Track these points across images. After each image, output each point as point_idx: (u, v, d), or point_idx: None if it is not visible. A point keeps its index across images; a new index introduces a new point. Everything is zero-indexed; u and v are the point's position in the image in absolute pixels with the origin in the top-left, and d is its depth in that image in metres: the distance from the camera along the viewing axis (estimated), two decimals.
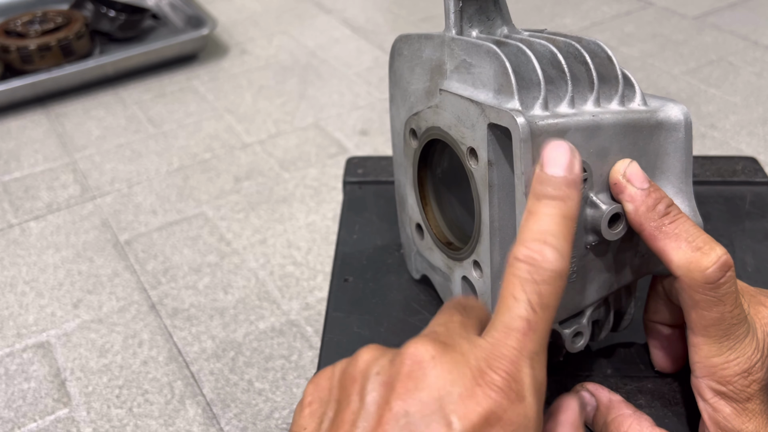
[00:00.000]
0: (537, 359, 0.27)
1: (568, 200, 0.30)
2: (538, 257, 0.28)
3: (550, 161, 0.31)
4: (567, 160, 0.31)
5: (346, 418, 0.26)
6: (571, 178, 0.31)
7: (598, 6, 1.20)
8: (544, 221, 0.29)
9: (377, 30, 1.18)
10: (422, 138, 0.41)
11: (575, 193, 0.30)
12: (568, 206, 0.30)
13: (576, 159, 0.31)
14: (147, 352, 0.62)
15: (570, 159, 0.31)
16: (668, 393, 0.41)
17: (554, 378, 0.42)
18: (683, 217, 0.34)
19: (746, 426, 0.33)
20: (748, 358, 0.33)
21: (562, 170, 0.31)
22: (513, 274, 0.28)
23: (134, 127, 0.96)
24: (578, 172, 0.31)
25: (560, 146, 0.31)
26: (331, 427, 0.27)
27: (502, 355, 0.26)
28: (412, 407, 0.25)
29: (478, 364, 0.26)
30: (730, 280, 0.33)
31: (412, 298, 0.48)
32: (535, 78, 0.35)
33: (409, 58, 0.41)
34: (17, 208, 0.82)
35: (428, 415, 0.25)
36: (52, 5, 1.22)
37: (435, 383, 0.25)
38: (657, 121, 0.37)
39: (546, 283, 0.27)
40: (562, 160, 0.31)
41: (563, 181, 0.30)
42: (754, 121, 0.87)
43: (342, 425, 0.26)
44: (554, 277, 0.28)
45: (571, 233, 0.30)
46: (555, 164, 0.31)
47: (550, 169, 0.31)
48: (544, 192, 0.30)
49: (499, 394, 0.25)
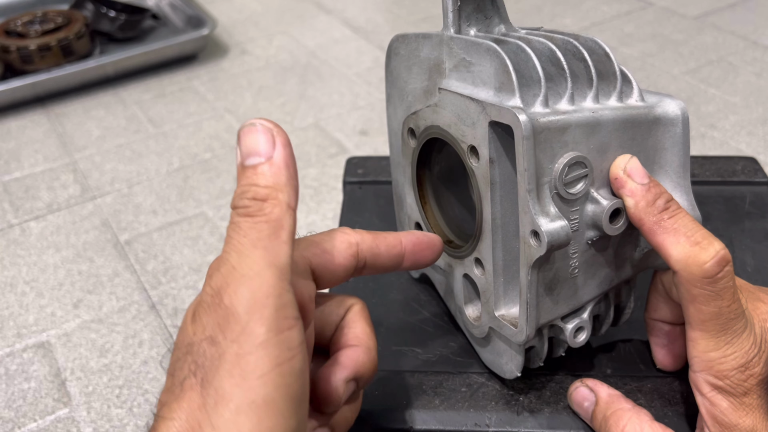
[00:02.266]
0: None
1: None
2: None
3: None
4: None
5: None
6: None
7: (598, 6, 1.20)
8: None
9: (377, 30, 1.18)
10: (421, 137, 0.42)
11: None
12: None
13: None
14: (147, 352, 0.62)
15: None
16: (668, 392, 0.41)
17: (554, 376, 0.42)
18: (682, 212, 0.35)
19: (743, 420, 0.34)
20: (745, 353, 0.33)
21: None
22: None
23: (134, 127, 0.96)
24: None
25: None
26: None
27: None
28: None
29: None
30: (728, 274, 0.33)
31: (412, 298, 0.48)
32: (535, 75, 0.35)
33: (407, 58, 0.41)
34: (17, 208, 0.82)
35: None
36: (52, 5, 1.22)
37: None
38: (655, 117, 0.37)
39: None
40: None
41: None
42: (753, 121, 0.87)
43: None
44: None
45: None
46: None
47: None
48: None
49: None
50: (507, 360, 0.40)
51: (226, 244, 0.28)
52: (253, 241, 0.27)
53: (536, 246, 0.34)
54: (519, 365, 0.40)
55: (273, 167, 0.28)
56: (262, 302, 0.26)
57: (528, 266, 0.35)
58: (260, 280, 0.27)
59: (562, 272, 0.37)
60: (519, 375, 0.40)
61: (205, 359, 0.26)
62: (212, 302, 0.27)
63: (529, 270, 0.35)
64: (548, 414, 0.40)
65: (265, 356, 0.26)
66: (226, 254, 0.27)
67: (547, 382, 0.42)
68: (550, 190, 0.34)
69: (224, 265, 0.27)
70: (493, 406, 0.41)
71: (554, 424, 0.40)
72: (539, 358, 0.41)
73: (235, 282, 0.27)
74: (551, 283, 0.37)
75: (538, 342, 0.39)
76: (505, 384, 0.42)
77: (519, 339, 0.37)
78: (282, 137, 0.29)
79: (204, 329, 0.27)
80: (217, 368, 0.26)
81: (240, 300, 0.26)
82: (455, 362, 0.44)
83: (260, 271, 0.27)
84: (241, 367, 0.26)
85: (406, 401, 0.41)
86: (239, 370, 0.26)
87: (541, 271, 0.35)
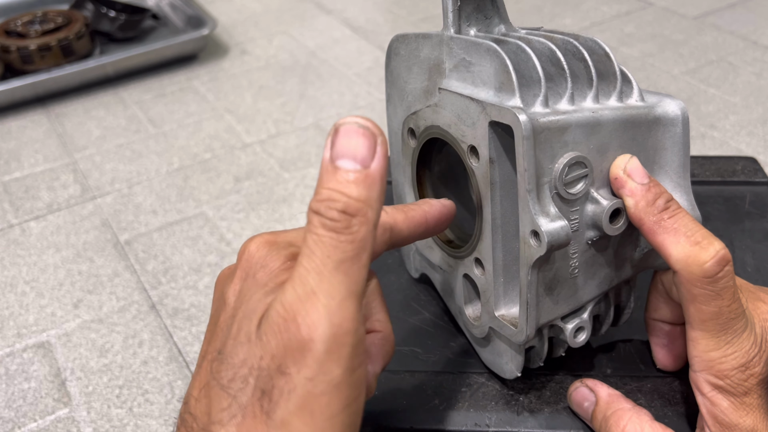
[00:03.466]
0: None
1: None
2: None
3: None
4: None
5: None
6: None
7: (598, 6, 1.20)
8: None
9: (377, 30, 1.18)
10: (421, 137, 0.42)
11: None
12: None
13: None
14: (147, 352, 0.62)
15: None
16: (668, 392, 0.41)
17: (554, 376, 0.42)
18: (682, 212, 0.35)
19: (744, 420, 0.34)
20: (745, 353, 0.34)
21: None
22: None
23: (134, 127, 0.96)
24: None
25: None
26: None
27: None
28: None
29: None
30: (728, 274, 0.33)
31: (412, 298, 0.48)
32: (535, 75, 0.35)
33: (407, 58, 0.41)
34: (17, 208, 0.82)
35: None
36: (52, 5, 1.22)
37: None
38: (655, 117, 0.37)
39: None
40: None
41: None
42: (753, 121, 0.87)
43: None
44: None
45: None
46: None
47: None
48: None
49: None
50: (507, 360, 0.40)
51: (306, 258, 0.25)
52: (336, 263, 0.25)
53: (536, 246, 0.34)
54: (519, 365, 0.40)
55: (368, 179, 0.26)
56: (342, 340, 0.25)
57: (528, 266, 0.35)
58: (341, 314, 0.25)
59: (562, 272, 0.37)
60: (519, 375, 0.40)
61: (273, 389, 0.25)
62: (284, 325, 0.25)
63: (529, 270, 0.35)
64: (548, 414, 0.40)
65: (338, 398, 0.25)
66: (305, 272, 0.25)
67: (547, 382, 0.42)
68: (550, 190, 0.34)
69: (302, 286, 0.25)
70: (493, 406, 0.41)
71: (554, 424, 0.40)
72: (539, 358, 0.41)
73: (315, 311, 0.25)
74: (551, 283, 0.37)
75: (538, 342, 0.39)
76: (505, 384, 0.42)
77: (519, 339, 0.37)
78: (383, 147, 0.27)
79: (272, 354, 0.25)
80: (286, 401, 0.25)
81: (320, 335, 0.24)
82: (455, 362, 0.44)
83: (342, 302, 0.25)
84: (312, 407, 0.24)
85: (406, 401, 0.41)
86: (310, 409, 0.24)
87: (541, 271, 0.35)
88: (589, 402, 0.39)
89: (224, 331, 0.28)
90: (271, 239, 0.29)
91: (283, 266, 0.28)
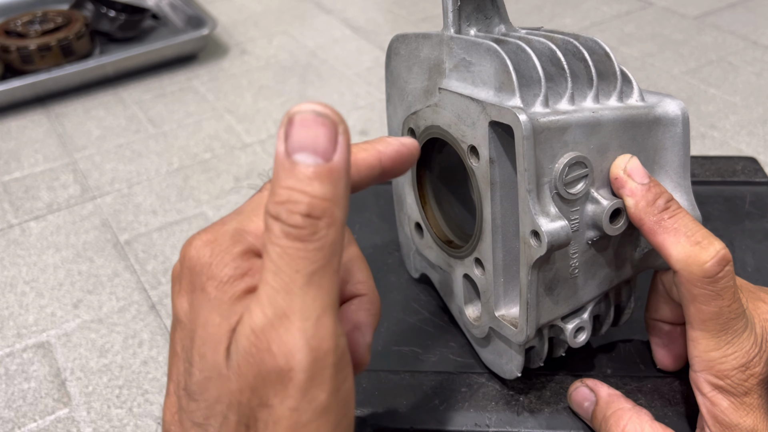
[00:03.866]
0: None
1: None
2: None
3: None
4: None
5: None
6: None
7: (598, 6, 1.20)
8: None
9: (377, 30, 1.18)
10: (421, 137, 0.42)
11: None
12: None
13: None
14: (147, 352, 0.62)
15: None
16: (668, 392, 0.41)
17: (554, 376, 0.42)
18: (682, 212, 0.35)
19: (744, 420, 0.34)
20: (746, 353, 0.33)
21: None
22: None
23: (134, 127, 0.96)
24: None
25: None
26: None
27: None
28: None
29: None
30: (728, 274, 0.33)
31: (412, 298, 0.48)
32: (535, 75, 0.35)
33: (407, 58, 0.41)
34: (17, 208, 0.82)
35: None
36: (52, 5, 1.22)
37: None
38: (655, 117, 0.37)
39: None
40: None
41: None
42: (754, 121, 0.87)
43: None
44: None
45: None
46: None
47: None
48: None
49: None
50: (507, 360, 0.40)
51: (271, 274, 0.23)
52: (306, 277, 0.22)
53: (536, 246, 0.34)
54: (519, 365, 0.40)
55: (333, 174, 0.23)
56: (323, 363, 0.22)
57: (528, 266, 0.35)
58: (319, 335, 0.22)
59: (562, 272, 0.37)
60: (519, 375, 0.40)
61: (257, 422, 0.23)
62: (258, 355, 0.22)
63: (529, 270, 0.35)
64: (548, 414, 0.40)
65: (327, 421, 0.23)
66: (273, 291, 0.22)
67: (547, 382, 0.42)
68: (550, 190, 0.34)
69: (271, 307, 0.22)
70: (493, 406, 0.41)
71: (554, 424, 0.40)
72: (539, 358, 0.41)
73: (290, 336, 0.22)
74: (551, 283, 0.36)
75: (538, 342, 0.39)
76: (505, 384, 0.42)
77: (519, 339, 0.37)
78: (345, 136, 0.23)
79: (251, 387, 0.23)
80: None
81: (299, 362, 0.22)
82: (455, 362, 0.44)
83: (318, 320, 0.22)
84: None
85: (406, 401, 0.41)
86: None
87: (541, 271, 0.35)
88: (589, 402, 0.39)
89: (184, 359, 0.25)
90: (211, 238, 0.25)
91: (234, 273, 0.24)
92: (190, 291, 0.25)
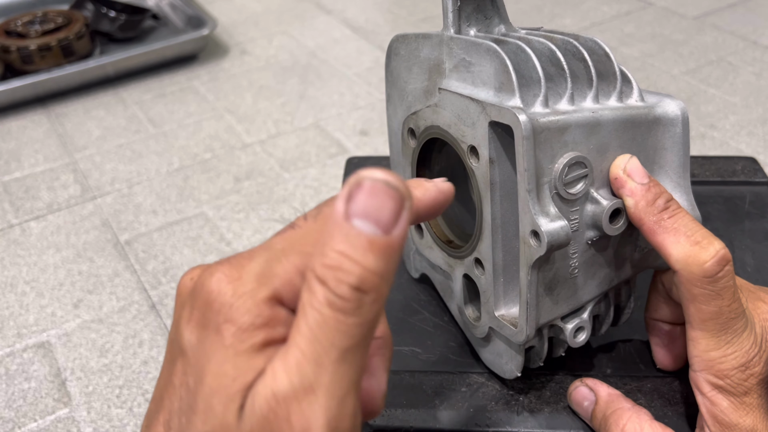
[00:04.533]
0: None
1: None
2: None
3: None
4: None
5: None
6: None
7: (598, 6, 1.20)
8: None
9: (377, 30, 1.18)
10: (421, 137, 0.42)
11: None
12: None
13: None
14: (147, 352, 0.62)
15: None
16: (668, 392, 0.41)
17: (554, 376, 0.42)
18: (682, 211, 0.35)
19: (743, 420, 0.34)
20: (745, 352, 0.34)
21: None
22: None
23: (134, 127, 0.96)
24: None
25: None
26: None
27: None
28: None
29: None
30: (728, 274, 0.33)
31: (412, 298, 0.48)
32: (535, 75, 0.35)
33: (407, 58, 0.42)
34: (17, 208, 0.82)
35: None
36: (52, 5, 1.22)
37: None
38: (655, 117, 0.37)
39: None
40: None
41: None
42: (753, 121, 0.87)
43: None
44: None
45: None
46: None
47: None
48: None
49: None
50: (507, 360, 0.40)
51: (304, 339, 0.21)
52: (341, 352, 0.21)
53: (536, 246, 0.34)
54: (519, 365, 0.40)
55: (389, 248, 0.21)
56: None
57: (528, 266, 0.35)
58: (341, 413, 0.21)
59: (562, 272, 0.37)
60: (519, 375, 0.40)
61: None
62: (274, 421, 0.21)
63: (529, 270, 0.35)
64: (548, 414, 0.40)
65: None
66: (303, 358, 0.21)
67: (547, 382, 0.42)
68: (550, 190, 0.34)
69: (298, 376, 0.21)
70: (493, 406, 0.41)
71: (554, 424, 0.40)
72: (539, 358, 0.41)
73: (312, 412, 0.21)
74: (551, 283, 0.37)
75: (538, 342, 0.39)
76: (505, 384, 0.42)
77: (519, 339, 0.37)
78: (409, 212, 0.22)
79: None
80: None
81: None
82: (455, 362, 0.44)
83: (343, 399, 0.21)
84: None
85: (406, 401, 0.41)
86: None
87: (541, 271, 0.36)
88: (588, 401, 0.39)
89: (184, 399, 0.23)
90: (235, 275, 0.23)
91: (256, 322, 0.22)
92: (202, 326, 0.23)
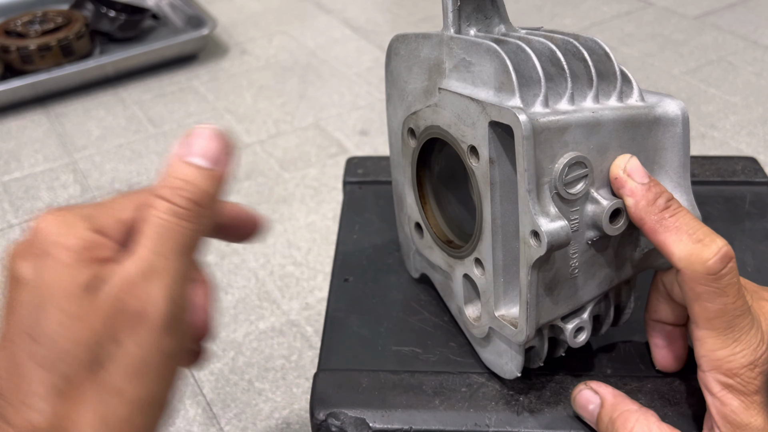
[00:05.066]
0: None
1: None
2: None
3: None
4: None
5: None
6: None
7: (598, 6, 1.20)
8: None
9: (377, 30, 1.18)
10: (421, 137, 0.41)
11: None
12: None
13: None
14: None
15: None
16: (668, 392, 0.41)
17: (554, 376, 0.42)
18: (683, 210, 0.35)
19: (755, 419, 0.33)
20: (753, 350, 0.33)
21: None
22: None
23: (134, 127, 0.96)
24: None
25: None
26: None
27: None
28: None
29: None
30: (731, 271, 0.33)
31: (412, 297, 0.48)
32: (535, 75, 0.35)
33: (407, 58, 0.41)
34: (17, 208, 0.82)
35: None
36: (52, 5, 1.22)
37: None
38: (655, 117, 0.37)
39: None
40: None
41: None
42: (754, 121, 0.87)
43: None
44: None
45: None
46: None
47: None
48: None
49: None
50: (507, 360, 0.40)
51: (150, 239, 0.27)
52: (183, 248, 0.27)
53: (536, 246, 0.34)
54: (519, 365, 0.40)
55: (219, 178, 0.29)
56: (178, 316, 0.27)
57: (528, 266, 0.35)
58: (181, 294, 0.27)
59: (562, 272, 0.37)
60: (519, 375, 0.40)
61: (107, 359, 0.26)
62: (124, 297, 0.26)
63: (529, 270, 0.35)
64: (548, 414, 0.40)
65: (171, 364, 0.28)
66: (150, 254, 0.27)
67: (547, 382, 0.42)
68: (550, 190, 0.34)
69: (146, 262, 0.27)
70: (493, 406, 0.41)
71: (554, 424, 0.40)
72: (539, 359, 0.41)
73: (157, 288, 0.27)
74: (551, 283, 0.36)
75: (538, 342, 0.39)
76: (505, 384, 0.42)
77: (519, 339, 0.37)
78: (232, 156, 0.30)
79: (111, 324, 0.26)
80: (121, 370, 0.27)
81: (160, 310, 0.27)
82: (455, 362, 0.44)
83: (182, 283, 0.28)
84: (146, 374, 0.27)
85: (406, 401, 0.41)
86: (143, 376, 0.27)
87: (541, 272, 0.35)
88: (594, 404, 0.38)
89: (30, 309, 0.27)
90: (61, 216, 0.28)
91: (80, 243, 0.27)
92: (35, 256, 0.27)
